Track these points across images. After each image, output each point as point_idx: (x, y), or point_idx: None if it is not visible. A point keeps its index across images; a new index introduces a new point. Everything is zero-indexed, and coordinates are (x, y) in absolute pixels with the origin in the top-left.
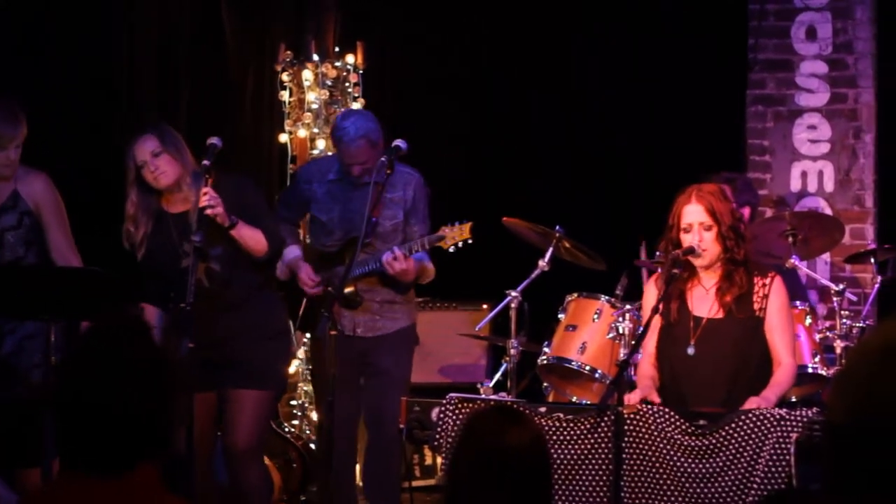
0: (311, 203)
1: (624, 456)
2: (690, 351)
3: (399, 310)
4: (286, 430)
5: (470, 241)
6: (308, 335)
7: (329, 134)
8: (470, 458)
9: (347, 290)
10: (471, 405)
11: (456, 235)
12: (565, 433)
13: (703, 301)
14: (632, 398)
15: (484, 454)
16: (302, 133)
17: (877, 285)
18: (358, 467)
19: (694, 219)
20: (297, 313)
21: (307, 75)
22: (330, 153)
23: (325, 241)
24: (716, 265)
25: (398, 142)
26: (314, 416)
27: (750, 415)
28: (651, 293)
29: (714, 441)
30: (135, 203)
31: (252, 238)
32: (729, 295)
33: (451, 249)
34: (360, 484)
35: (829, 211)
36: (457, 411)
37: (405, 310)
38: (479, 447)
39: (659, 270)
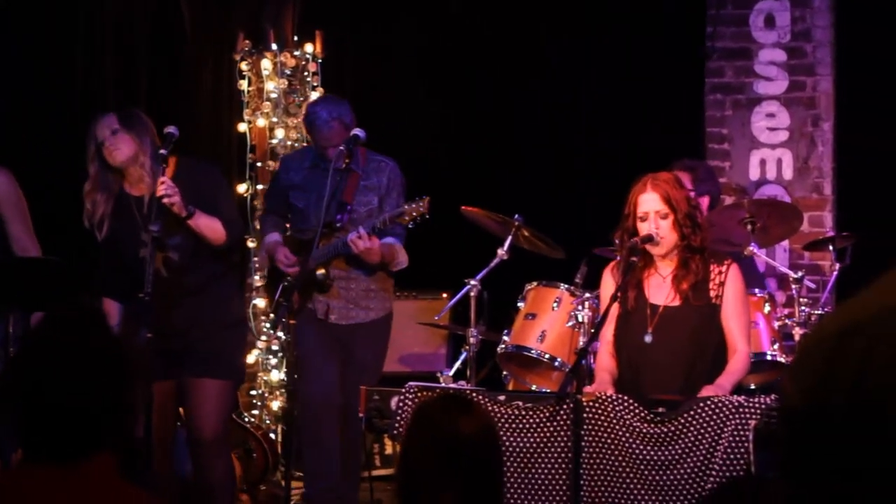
0: (290, 191)
1: (583, 444)
2: (647, 339)
3: (375, 298)
4: (246, 419)
5: (427, 216)
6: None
7: (286, 123)
8: (420, 446)
9: (319, 271)
10: (430, 394)
11: (414, 211)
12: (524, 421)
13: (660, 289)
14: (587, 391)
15: (434, 442)
16: (261, 122)
17: (835, 272)
18: None
19: (650, 207)
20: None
21: (266, 65)
22: (289, 142)
23: (301, 226)
24: (672, 253)
25: (356, 131)
26: (274, 405)
27: (708, 402)
28: (608, 282)
29: (673, 428)
30: (93, 180)
31: (209, 228)
32: (685, 283)
33: (411, 225)
34: None
35: (787, 199)
36: (416, 400)
37: (381, 299)
38: (428, 435)
39: (617, 259)
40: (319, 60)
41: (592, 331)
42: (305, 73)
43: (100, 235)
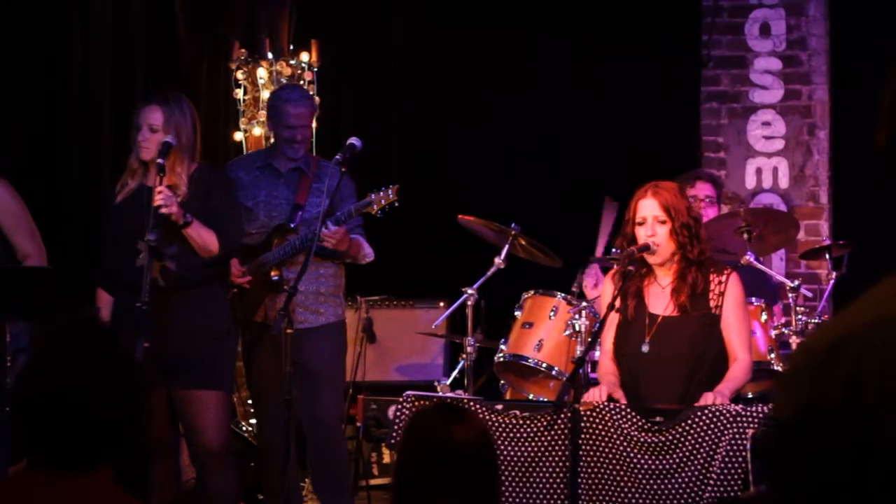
0: (238, 191)
1: (580, 453)
2: (644, 349)
3: (325, 303)
4: (244, 429)
5: (397, 205)
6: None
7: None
8: (414, 455)
9: (273, 274)
10: (427, 403)
11: (383, 199)
12: (522, 430)
13: (660, 299)
14: (596, 395)
15: (427, 451)
16: (257, 131)
17: (832, 281)
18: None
19: (648, 212)
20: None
21: (262, 73)
22: None
23: (249, 228)
24: (671, 263)
25: (353, 140)
26: None
27: (706, 411)
28: (608, 290)
29: (670, 437)
30: (138, 159)
31: (204, 238)
32: (683, 295)
33: (380, 214)
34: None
35: (783, 207)
36: (414, 409)
37: (333, 304)
38: (422, 444)
39: (616, 267)
40: (315, 69)
41: (590, 340)
42: (301, 82)
43: (117, 199)
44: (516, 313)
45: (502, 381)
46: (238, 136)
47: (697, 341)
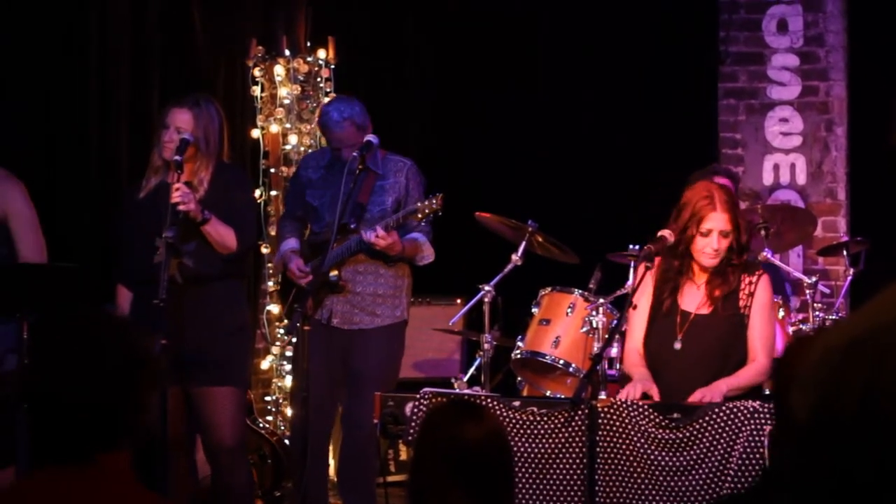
0: (307, 188)
1: (598, 450)
2: (677, 346)
3: (383, 305)
4: (261, 425)
5: (441, 213)
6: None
7: (299, 129)
8: (427, 452)
9: (332, 273)
10: (444, 400)
11: (427, 208)
12: (539, 427)
13: (693, 296)
14: (632, 394)
15: (439, 448)
16: (274, 128)
17: (849, 277)
18: (333, 463)
19: (716, 226)
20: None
21: (279, 70)
22: (302, 148)
23: (316, 227)
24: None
25: (370, 137)
26: (289, 411)
27: (724, 407)
28: (647, 281)
29: (688, 434)
30: (162, 157)
31: (222, 235)
32: (718, 290)
33: (424, 223)
34: (336, 479)
35: (801, 204)
36: (430, 406)
37: (391, 306)
38: (435, 441)
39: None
40: (332, 66)
41: (607, 336)
42: (318, 79)
43: (140, 194)
44: (533, 310)
45: (519, 378)
46: (255, 133)
47: (727, 341)
